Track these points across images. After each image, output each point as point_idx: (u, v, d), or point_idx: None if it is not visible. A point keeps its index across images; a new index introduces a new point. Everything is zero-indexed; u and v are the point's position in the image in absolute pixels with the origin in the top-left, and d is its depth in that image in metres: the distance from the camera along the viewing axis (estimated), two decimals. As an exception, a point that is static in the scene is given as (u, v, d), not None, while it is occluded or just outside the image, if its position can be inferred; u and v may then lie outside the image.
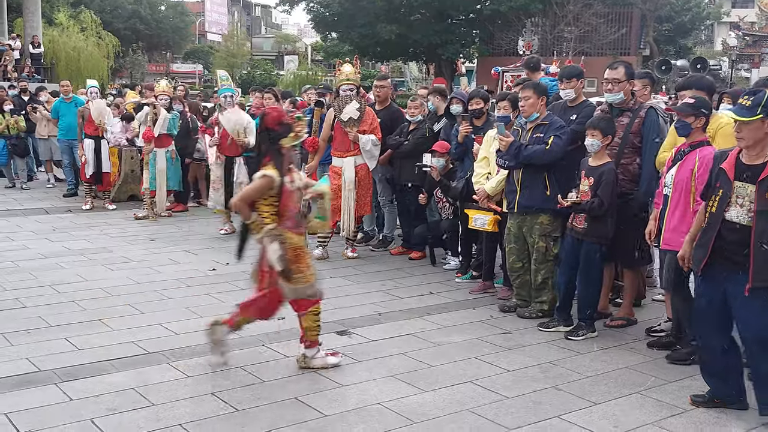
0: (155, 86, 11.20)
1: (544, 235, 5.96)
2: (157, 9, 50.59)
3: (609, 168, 5.49)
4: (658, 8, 34.89)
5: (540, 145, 5.81)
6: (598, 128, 5.48)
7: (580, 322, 5.64)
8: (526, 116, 5.97)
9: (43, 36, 29.18)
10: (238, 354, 5.09)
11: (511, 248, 6.15)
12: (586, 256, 5.53)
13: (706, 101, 5.01)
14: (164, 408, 4.22)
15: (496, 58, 27.42)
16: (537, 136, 5.88)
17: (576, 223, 5.59)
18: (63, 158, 12.51)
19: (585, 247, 5.53)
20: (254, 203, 4.68)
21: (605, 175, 5.43)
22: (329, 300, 6.45)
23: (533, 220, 5.98)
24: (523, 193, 5.97)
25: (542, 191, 5.90)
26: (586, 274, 5.57)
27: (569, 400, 4.46)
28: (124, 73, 45.38)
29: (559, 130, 5.85)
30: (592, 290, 5.65)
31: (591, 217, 5.48)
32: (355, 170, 7.91)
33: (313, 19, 34.62)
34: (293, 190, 4.75)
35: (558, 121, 5.94)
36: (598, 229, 5.49)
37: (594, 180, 5.45)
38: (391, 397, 4.43)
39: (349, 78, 8.00)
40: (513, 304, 6.28)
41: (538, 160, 5.82)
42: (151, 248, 8.53)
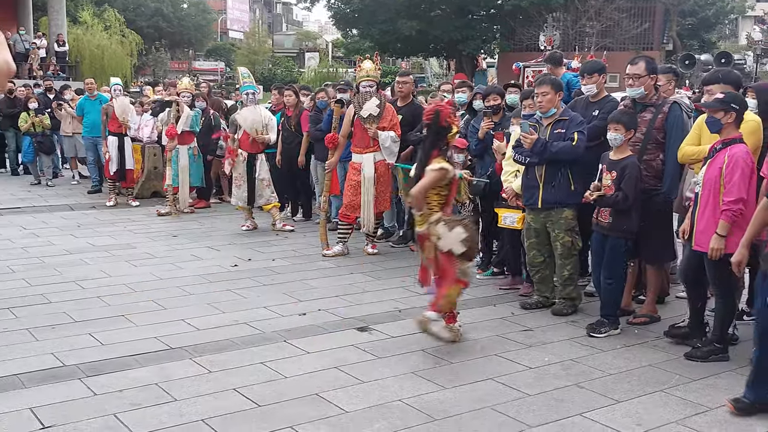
0: (177, 84, 11.28)
1: (569, 230, 5.94)
2: (179, 7, 50.99)
3: (632, 162, 5.44)
4: (682, 2, 34.55)
5: (566, 142, 5.78)
6: (620, 122, 5.43)
7: (602, 318, 5.60)
8: (544, 112, 5.94)
9: (68, 34, 29.51)
10: (260, 349, 5.12)
11: (532, 243, 6.13)
12: (610, 251, 5.49)
13: (736, 96, 4.92)
14: (187, 403, 4.25)
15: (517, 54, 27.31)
16: (558, 132, 5.84)
17: (601, 218, 5.54)
18: (87, 155, 12.64)
19: (610, 242, 5.49)
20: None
21: (628, 169, 5.39)
22: (349, 296, 6.50)
23: (557, 215, 5.95)
24: (546, 189, 5.94)
25: (567, 186, 5.86)
26: (610, 269, 5.52)
27: (592, 397, 4.43)
28: (147, 70, 45.78)
29: (581, 125, 5.83)
30: (616, 286, 5.60)
31: (615, 212, 5.43)
32: (375, 166, 7.91)
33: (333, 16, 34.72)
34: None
35: (577, 117, 5.91)
36: (623, 223, 5.44)
37: (617, 174, 5.40)
38: (411, 393, 4.43)
39: (369, 74, 8.00)
40: (534, 301, 6.25)
41: (565, 156, 5.78)
42: (173, 244, 8.60)
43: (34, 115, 13.18)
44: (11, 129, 14.10)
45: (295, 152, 9.75)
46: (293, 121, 9.81)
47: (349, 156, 8.24)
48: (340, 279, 7.11)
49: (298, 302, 6.30)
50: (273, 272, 7.30)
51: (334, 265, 7.67)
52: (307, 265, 7.66)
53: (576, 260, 6.03)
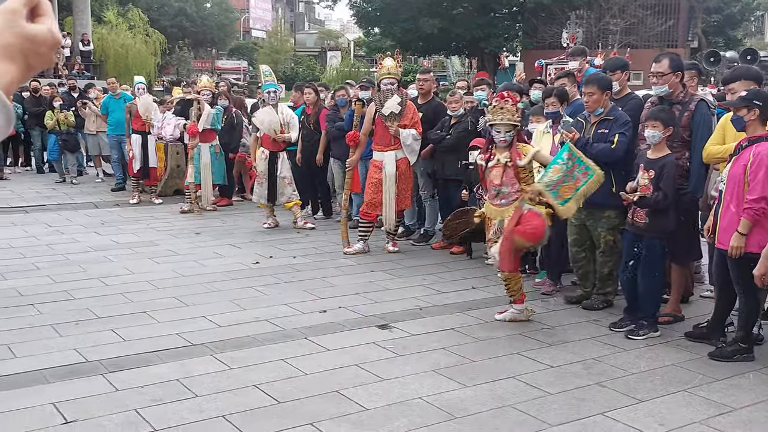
0: (198, 82, 11.35)
1: (611, 229, 5.93)
2: (202, 6, 51.26)
3: (670, 161, 5.34)
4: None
5: (606, 144, 5.74)
6: (659, 119, 5.32)
7: (641, 320, 5.48)
8: (590, 111, 5.89)
9: (93, 34, 29.79)
10: (280, 346, 5.13)
11: (574, 239, 6.15)
12: (648, 251, 5.38)
13: (759, 92, 4.85)
14: (207, 399, 4.27)
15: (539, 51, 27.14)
16: (601, 131, 5.80)
17: (637, 218, 5.42)
18: (111, 153, 12.75)
19: (646, 243, 5.38)
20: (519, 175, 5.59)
21: (667, 168, 5.28)
22: (370, 293, 6.50)
23: (599, 213, 5.93)
24: None
25: (608, 187, 5.80)
26: (648, 270, 5.41)
27: (614, 397, 4.39)
28: (171, 69, 46.08)
29: (623, 126, 5.76)
30: (655, 287, 5.50)
31: (652, 212, 5.32)
32: (396, 164, 7.90)
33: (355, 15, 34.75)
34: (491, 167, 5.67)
35: (623, 116, 5.84)
36: (661, 223, 5.34)
37: (655, 173, 5.29)
38: (432, 391, 4.42)
39: (390, 72, 7.99)
40: (578, 295, 6.26)
41: (603, 158, 5.71)
42: (196, 242, 8.65)
43: (59, 111, 13.32)
44: (37, 127, 14.26)
45: (314, 150, 9.75)
46: (312, 119, 9.81)
47: (370, 154, 8.23)
48: (360, 277, 7.11)
49: (319, 299, 6.31)
50: (294, 270, 7.32)
51: (354, 262, 7.67)
52: (328, 262, 7.67)
53: (617, 258, 6.00)
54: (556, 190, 5.44)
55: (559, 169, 5.43)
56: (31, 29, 1.12)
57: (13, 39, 1.11)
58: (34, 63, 1.14)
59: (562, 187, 5.44)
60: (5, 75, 1.09)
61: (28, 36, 1.12)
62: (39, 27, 1.14)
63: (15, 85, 1.11)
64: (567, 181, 5.43)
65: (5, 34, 1.10)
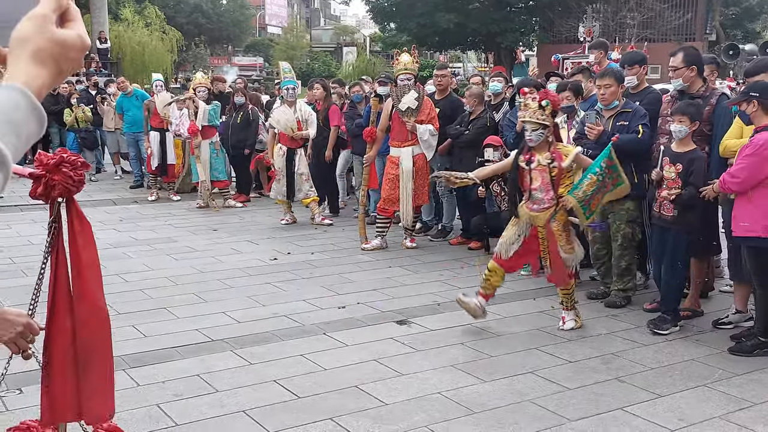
0: (192, 79, 11.37)
1: (630, 221, 5.91)
2: (218, 3, 51.43)
3: (700, 155, 5.28)
4: (725, -8, 33.85)
5: (632, 134, 5.71)
6: (686, 113, 5.25)
7: (663, 314, 5.45)
8: (607, 104, 5.87)
9: (110, 31, 29.95)
10: (300, 341, 5.16)
11: (596, 236, 6.12)
12: (673, 245, 5.35)
13: (755, 84, 4.87)
14: (228, 395, 4.30)
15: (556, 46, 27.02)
16: (621, 123, 5.77)
17: (664, 211, 5.37)
18: (129, 151, 12.85)
19: (672, 236, 5.35)
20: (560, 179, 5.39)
21: (696, 163, 5.23)
22: (388, 289, 6.51)
23: (619, 206, 5.91)
24: None
25: (629, 179, 5.78)
26: (672, 264, 5.38)
27: (632, 392, 4.38)
28: (187, 66, 46.26)
29: (644, 118, 5.74)
30: (678, 281, 5.47)
31: (681, 206, 5.27)
32: (413, 160, 7.90)
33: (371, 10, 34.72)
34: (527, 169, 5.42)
35: (641, 109, 5.82)
36: (688, 217, 5.29)
37: (683, 167, 5.22)
38: (451, 386, 4.43)
39: (407, 67, 7.99)
40: (600, 292, 6.25)
41: (630, 149, 5.68)
42: (214, 238, 8.70)
43: (76, 106, 13.42)
44: (55, 125, 14.37)
45: (323, 146, 9.75)
46: (321, 115, 9.75)
47: (387, 150, 8.24)
48: (378, 272, 7.13)
49: (337, 295, 6.33)
50: (312, 266, 7.35)
51: (372, 258, 7.69)
52: (346, 258, 7.69)
53: (634, 252, 5.99)
54: (588, 204, 5.23)
55: (595, 181, 5.18)
56: (61, 34, 1.15)
57: (44, 43, 1.13)
58: (65, 67, 1.16)
59: (594, 199, 5.26)
60: (36, 79, 1.12)
61: (59, 41, 1.14)
62: (69, 32, 1.16)
63: (46, 89, 1.13)
64: (599, 192, 5.24)
65: (36, 38, 1.12)
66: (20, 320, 2.17)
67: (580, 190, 5.20)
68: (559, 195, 5.31)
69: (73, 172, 2.14)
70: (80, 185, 2.11)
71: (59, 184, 2.13)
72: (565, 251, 5.34)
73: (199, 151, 10.33)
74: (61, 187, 2.14)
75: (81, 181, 2.13)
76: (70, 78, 17.89)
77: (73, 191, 2.14)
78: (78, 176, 2.15)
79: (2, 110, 1.05)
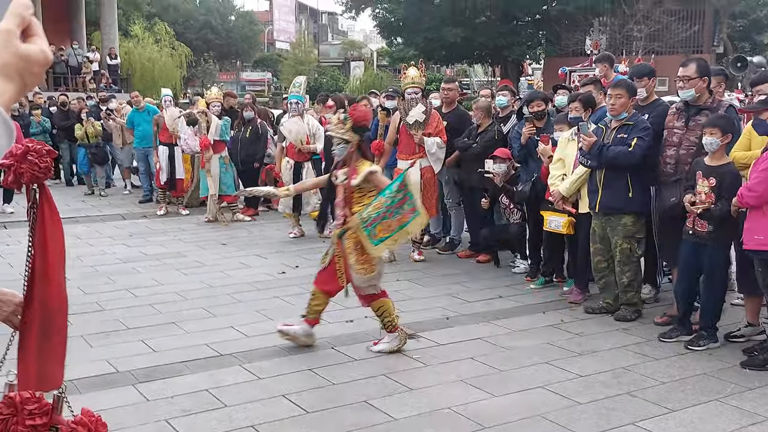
0: (206, 93, 11.43)
1: (628, 237, 5.85)
2: (227, 19, 51.79)
3: (731, 170, 5.20)
4: (732, 4, 33.79)
5: (623, 147, 5.70)
6: (717, 126, 5.19)
7: (701, 331, 5.38)
8: (615, 114, 5.84)
9: (120, 48, 30.20)
10: (308, 356, 5.15)
11: (596, 248, 6.08)
12: (710, 260, 5.27)
13: None
14: (237, 409, 4.29)
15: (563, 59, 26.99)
16: (621, 136, 5.76)
17: (698, 227, 5.29)
18: (139, 165, 12.90)
19: (709, 252, 5.26)
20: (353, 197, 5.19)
21: (729, 177, 5.15)
22: (396, 303, 6.45)
23: (617, 221, 5.88)
24: (604, 194, 5.87)
25: (625, 192, 5.78)
26: (710, 279, 5.31)
27: (644, 406, 4.35)
28: (196, 82, 46.53)
29: (643, 131, 5.72)
30: (717, 297, 5.39)
31: (717, 221, 5.18)
32: (420, 172, 7.90)
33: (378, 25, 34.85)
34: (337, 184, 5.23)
35: (643, 122, 5.81)
36: (726, 231, 5.21)
37: (716, 181, 5.16)
38: (461, 401, 4.40)
39: (415, 81, 8.02)
40: (599, 306, 6.19)
41: (621, 162, 5.70)
42: (222, 252, 8.71)
43: (86, 120, 13.51)
44: (65, 141, 14.47)
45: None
46: None
47: (394, 163, 8.24)
48: (386, 286, 7.04)
49: (345, 309, 6.29)
50: (320, 280, 7.32)
51: (380, 272, 7.66)
52: (354, 272, 7.66)
53: (636, 266, 5.95)
54: (373, 227, 4.99)
55: (382, 204, 4.96)
56: (25, 49, 1.16)
57: (10, 58, 1.15)
58: (29, 81, 1.18)
59: (380, 224, 4.96)
60: (4, 93, 1.14)
61: (24, 55, 1.16)
62: (33, 47, 1.18)
63: (12, 102, 1.15)
64: (389, 217, 4.96)
65: (2, 53, 1.14)
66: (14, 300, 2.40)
67: (366, 211, 5.02)
68: (352, 213, 5.11)
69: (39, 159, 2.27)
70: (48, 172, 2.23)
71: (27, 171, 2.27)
72: (356, 271, 5.11)
73: (210, 165, 10.36)
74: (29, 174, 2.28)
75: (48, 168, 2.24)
76: (80, 94, 18.03)
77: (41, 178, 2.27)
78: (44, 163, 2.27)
79: None
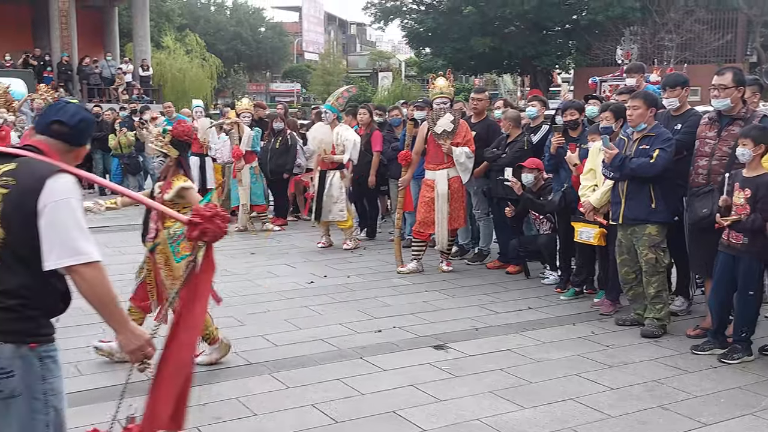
0: (237, 104, 11.54)
1: (653, 246, 5.79)
2: (257, 30, 52.32)
3: (766, 180, 5.10)
4: (765, 13, 33.36)
5: (645, 158, 5.65)
6: (749, 137, 5.11)
7: (735, 344, 5.30)
8: (633, 125, 5.81)
9: (152, 59, 30.63)
10: (337, 366, 5.15)
11: (623, 259, 6.01)
12: (745, 273, 5.17)
13: None
14: (266, 418, 4.30)
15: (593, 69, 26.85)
16: (643, 147, 5.71)
17: (733, 239, 5.20)
18: (170, 175, 13.02)
19: (744, 264, 5.17)
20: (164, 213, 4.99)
21: (764, 188, 5.05)
22: (424, 313, 6.47)
23: (641, 231, 5.81)
24: (627, 205, 5.82)
25: (647, 203, 5.73)
26: (745, 292, 5.21)
27: (677, 420, 4.28)
28: (227, 93, 47.06)
29: (665, 143, 5.66)
30: (751, 309, 5.29)
31: (752, 232, 5.09)
32: (448, 182, 7.89)
33: (407, 36, 34.95)
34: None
35: (665, 133, 5.75)
36: (759, 243, 5.11)
37: (751, 192, 5.07)
38: (490, 413, 4.37)
39: (443, 91, 8.02)
40: (630, 318, 6.12)
41: (642, 173, 5.66)
42: (251, 262, 8.76)
43: (119, 130, 13.73)
44: (99, 151, 14.71)
45: (365, 171, 9.76)
46: (364, 140, 9.76)
47: (422, 173, 8.24)
48: (415, 296, 7.10)
49: (374, 319, 6.32)
50: (348, 289, 7.35)
51: (408, 282, 7.67)
52: (382, 282, 7.68)
53: (663, 277, 5.87)
54: (177, 243, 4.95)
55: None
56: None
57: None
58: None
59: (184, 241, 4.80)
60: None
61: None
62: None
63: None
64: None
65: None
66: (144, 336, 2.74)
67: (173, 227, 4.95)
68: (164, 227, 5.03)
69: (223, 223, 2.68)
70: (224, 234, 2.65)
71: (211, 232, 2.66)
72: (167, 286, 5.05)
73: (242, 174, 10.45)
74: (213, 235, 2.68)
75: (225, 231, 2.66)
76: (113, 106, 18.32)
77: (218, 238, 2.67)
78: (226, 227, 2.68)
79: None
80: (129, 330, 2.73)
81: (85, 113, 2.77)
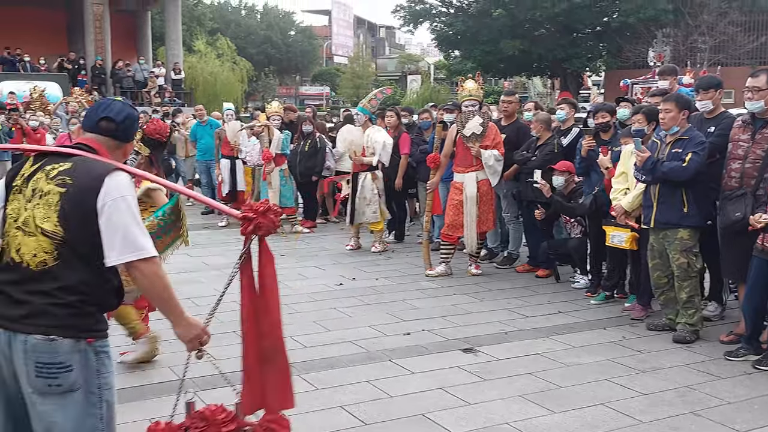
0: (267, 107, 11.62)
1: (684, 251, 5.72)
2: (287, 34, 52.67)
3: None
4: (802, 14, 32.85)
5: (677, 162, 5.59)
6: None
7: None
8: (666, 129, 5.76)
9: (184, 63, 30.99)
10: (366, 368, 5.16)
11: (655, 264, 5.95)
12: None
13: None
14: (296, 419, 4.29)
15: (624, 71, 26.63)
16: (675, 151, 5.65)
17: (767, 243, 5.14)
18: (201, 178, 13.18)
19: None
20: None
21: None
22: (453, 317, 6.47)
23: (673, 235, 5.75)
24: (659, 209, 5.76)
25: (679, 207, 5.67)
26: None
27: (709, 426, 4.23)
28: (257, 96, 47.37)
29: (698, 146, 5.60)
30: None
31: None
32: (477, 185, 7.86)
33: (436, 38, 34.94)
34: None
35: (698, 137, 5.69)
36: None
37: None
38: (519, 417, 4.35)
39: (472, 94, 8.01)
40: (662, 323, 6.06)
41: (674, 177, 5.60)
42: (281, 263, 8.72)
43: None
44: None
45: (394, 174, 9.72)
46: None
47: (451, 176, 8.23)
48: (443, 299, 7.10)
49: (403, 322, 6.32)
50: (377, 292, 7.37)
51: (437, 285, 7.66)
52: (411, 284, 7.68)
53: (695, 282, 5.80)
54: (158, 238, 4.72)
55: (155, 225, 4.69)
56: None
57: None
58: None
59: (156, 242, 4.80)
60: None
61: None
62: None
63: None
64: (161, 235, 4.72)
65: None
66: (199, 325, 2.98)
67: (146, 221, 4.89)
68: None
69: (276, 217, 2.83)
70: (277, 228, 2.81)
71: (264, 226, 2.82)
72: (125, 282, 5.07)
73: (271, 177, 10.52)
74: (266, 229, 2.84)
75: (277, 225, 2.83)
76: (145, 108, 18.54)
77: (271, 232, 2.83)
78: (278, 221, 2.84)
79: None
80: (186, 321, 2.94)
81: (130, 110, 2.86)
